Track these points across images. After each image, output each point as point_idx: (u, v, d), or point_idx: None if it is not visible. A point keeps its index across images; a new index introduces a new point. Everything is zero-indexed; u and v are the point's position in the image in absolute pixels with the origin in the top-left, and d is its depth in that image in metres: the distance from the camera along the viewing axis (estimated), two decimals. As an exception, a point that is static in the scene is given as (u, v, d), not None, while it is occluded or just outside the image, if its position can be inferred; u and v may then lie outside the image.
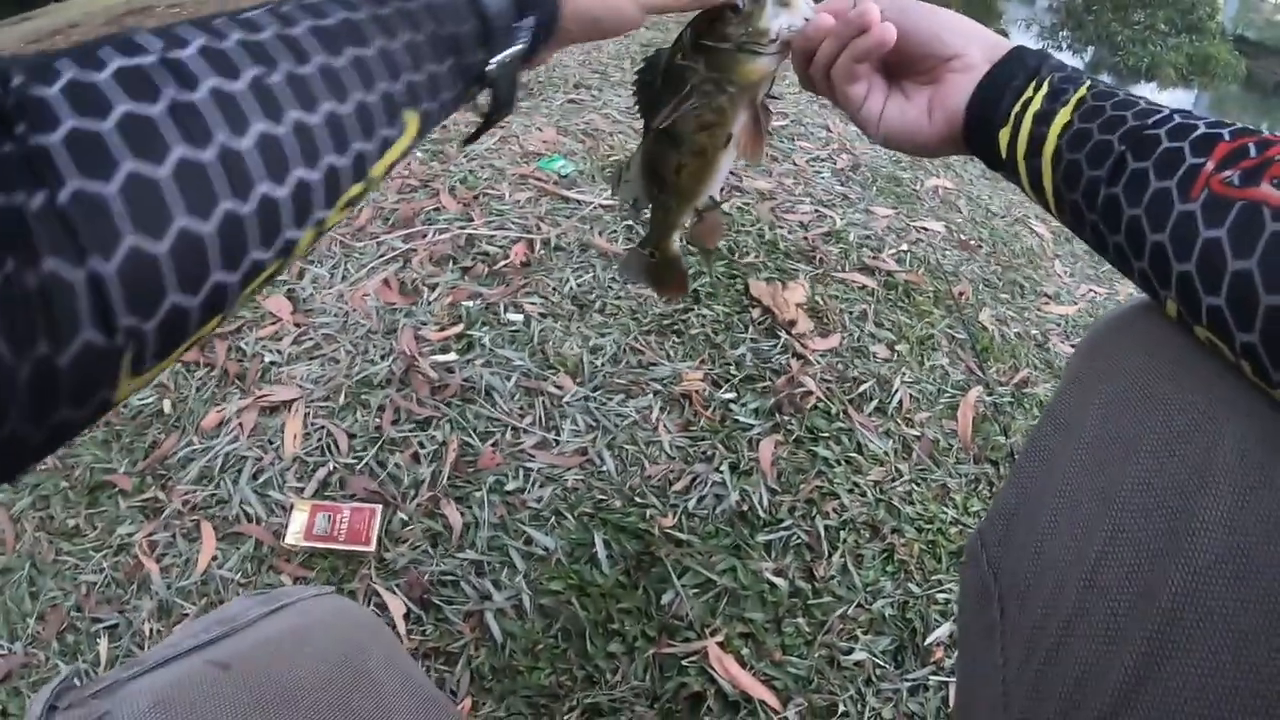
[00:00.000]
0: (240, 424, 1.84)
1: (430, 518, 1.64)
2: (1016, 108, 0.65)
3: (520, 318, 1.96)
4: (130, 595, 1.61)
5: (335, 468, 1.72)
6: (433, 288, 2.04)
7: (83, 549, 1.69)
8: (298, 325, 2.01)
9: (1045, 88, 0.64)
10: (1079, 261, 2.82)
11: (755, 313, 2.08)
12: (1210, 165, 0.50)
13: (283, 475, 1.73)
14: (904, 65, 0.73)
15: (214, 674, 0.68)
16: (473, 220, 2.24)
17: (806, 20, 0.73)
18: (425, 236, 2.17)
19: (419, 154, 2.79)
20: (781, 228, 2.44)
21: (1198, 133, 0.53)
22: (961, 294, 2.37)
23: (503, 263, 2.11)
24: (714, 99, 0.76)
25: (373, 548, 1.59)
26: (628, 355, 1.92)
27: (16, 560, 1.70)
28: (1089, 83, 0.63)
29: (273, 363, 1.95)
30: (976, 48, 0.70)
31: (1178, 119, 0.55)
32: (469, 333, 1.93)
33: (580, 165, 2.54)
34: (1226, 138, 0.51)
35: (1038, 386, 2.09)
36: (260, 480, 1.73)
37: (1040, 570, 0.64)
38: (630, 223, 2.21)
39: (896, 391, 1.97)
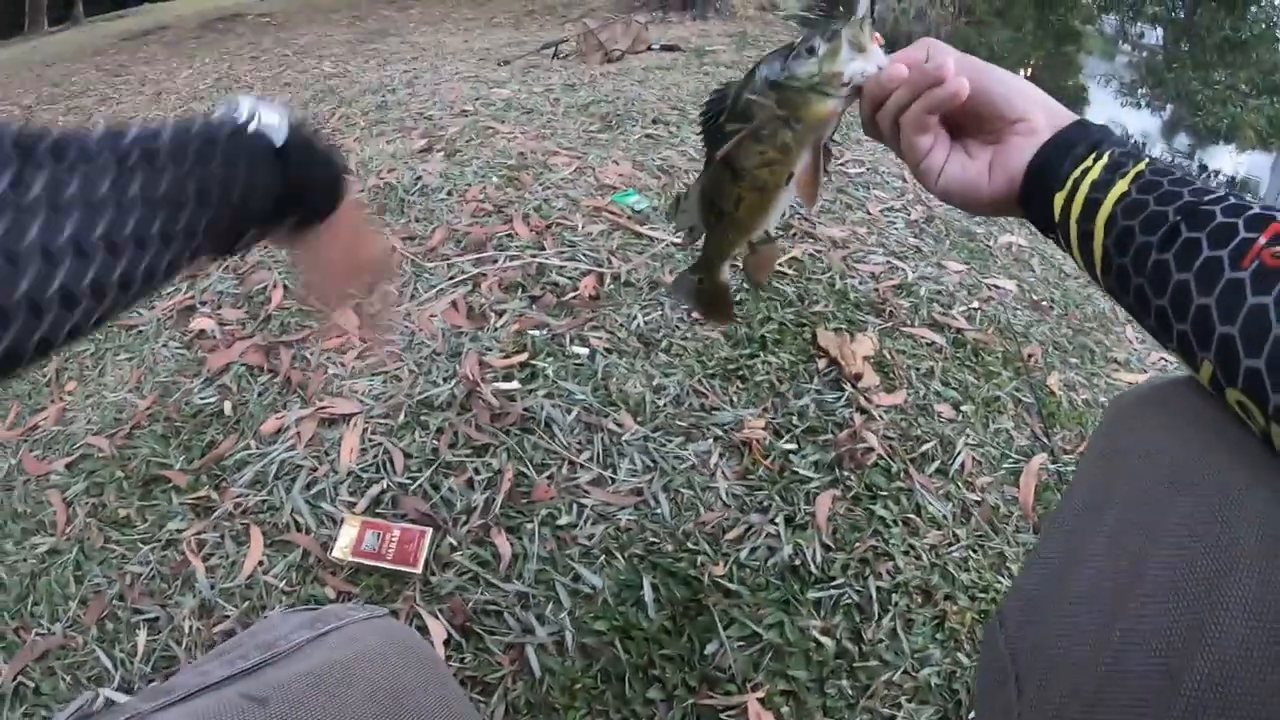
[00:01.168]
0: (299, 433, 1.85)
1: (479, 545, 1.63)
2: (1076, 174, 0.67)
3: (585, 351, 1.95)
4: (174, 591, 1.62)
5: (389, 486, 1.72)
6: (500, 314, 2.04)
7: (131, 540, 1.71)
8: (363, 340, 2.02)
9: (1105, 159, 0.66)
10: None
11: (821, 363, 2.05)
12: (1263, 240, 0.53)
13: (336, 488, 1.74)
14: (970, 124, 0.76)
15: (249, 711, 0.65)
16: (544, 249, 2.24)
17: (879, 68, 0.74)
18: (496, 262, 2.17)
19: (494, 179, 2.82)
20: (852, 277, 2.42)
21: (1251, 212, 0.56)
22: (1030, 356, 2.32)
23: (571, 294, 2.10)
24: (780, 136, 0.77)
25: (420, 570, 1.58)
26: (690, 397, 1.90)
27: (65, 544, 1.72)
28: (1148, 159, 0.66)
29: (335, 375, 1.96)
30: (1042, 114, 0.72)
31: (1232, 199, 0.58)
32: (533, 362, 1.92)
33: (654, 201, 2.54)
34: (1279, 218, 0.55)
35: (1104, 458, 2.04)
36: (313, 491, 1.74)
37: (1064, 652, 0.66)
38: (686, 251, 2.21)
39: (959, 453, 1.92)
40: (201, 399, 2.00)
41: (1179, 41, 13.67)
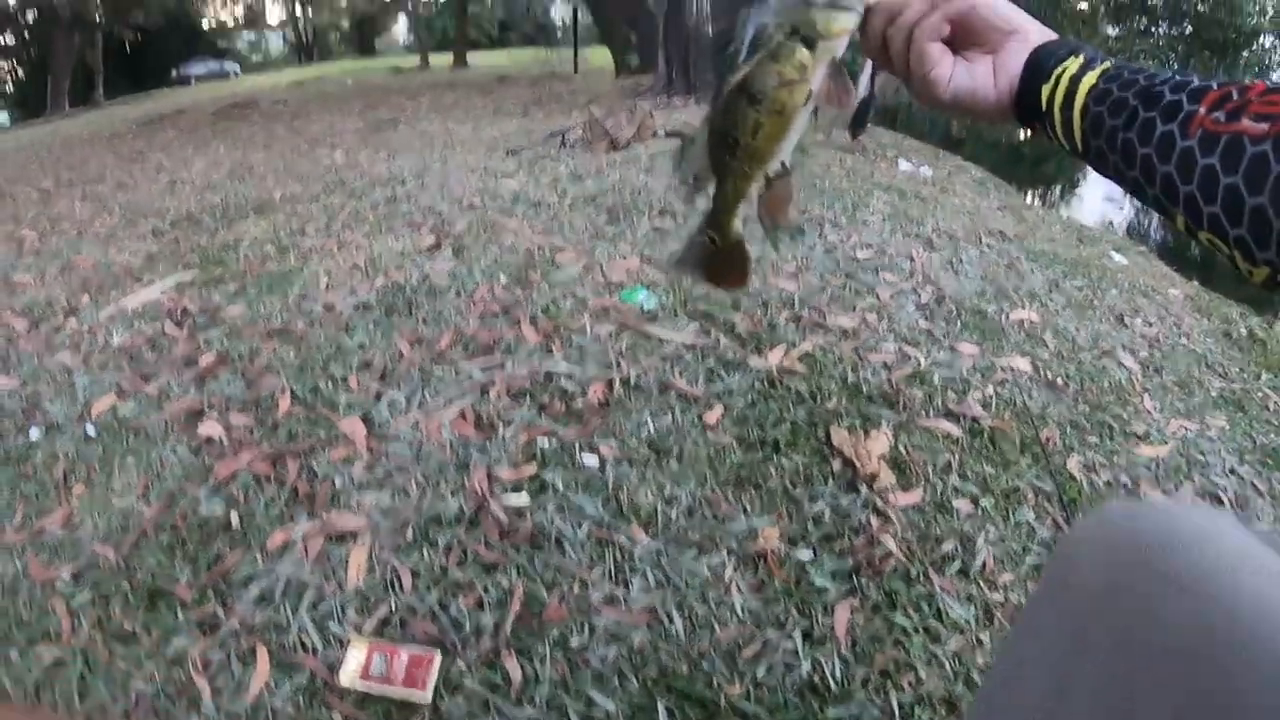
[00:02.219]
0: (305, 548, 1.82)
1: (489, 668, 1.58)
2: (1058, 70, 0.77)
3: (595, 461, 1.92)
4: (179, 712, 1.58)
5: (396, 607, 1.68)
6: (508, 423, 2.02)
7: (136, 655, 1.67)
8: (371, 450, 2.00)
9: (1081, 58, 0.77)
10: (1169, 394, 2.71)
11: (836, 464, 2.01)
12: (1202, 110, 0.65)
13: (343, 607, 1.70)
14: (968, 38, 0.82)
15: None
16: (552, 353, 2.23)
17: None
18: (504, 368, 2.16)
19: (502, 278, 2.82)
20: (865, 369, 2.39)
21: (1192, 85, 0.68)
22: (1048, 439, 2.28)
23: (580, 401, 2.08)
24: (798, 55, 0.78)
25: (428, 696, 1.53)
26: (703, 507, 1.86)
27: (70, 654, 1.68)
28: (1114, 59, 0.77)
29: (342, 488, 1.93)
30: (1034, 28, 0.82)
31: (1177, 78, 0.70)
32: (542, 474, 1.89)
33: (662, 298, 2.53)
34: (1214, 87, 0.66)
35: (1130, 543, 1.98)
36: (320, 609, 1.70)
37: None
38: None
39: (980, 551, 1.87)
40: (208, 509, 1.98)
41: None
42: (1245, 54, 13.86)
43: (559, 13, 44.14)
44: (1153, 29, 14.73)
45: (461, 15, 33.61)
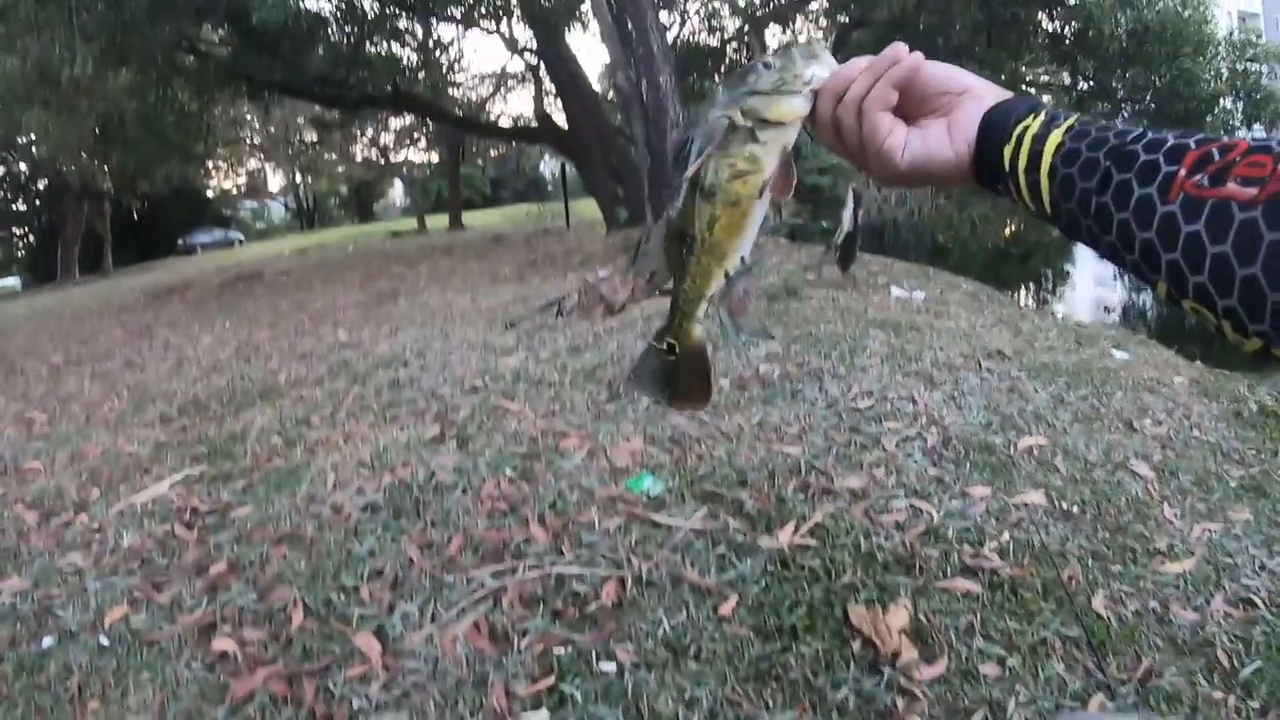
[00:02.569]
0: (326, 780, 1.78)
1: None
2: (1018, 129, 0.74)
3: (613, 667, 1.89)
4: None
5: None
6: (523, 633, 2.00)
7: None
8: (387, 668, 1.97)
9: (1043, 115, 0.74)
10: (1187, 497, 2.68)
11: (856, 645, 1.97)
12: (1183, 172, 0.61)
13: (366, 845, 1.66)
14: (918, 105, 0.80)
15: None
16: (562, 554, 2.22)
17: (832, 71, 0.79)
18: (515, 573, 2.15)
19: (507, 471, 2.84)
20: (878, 534, 2.38)
21: (1168, 144, 0.64)
22: (1071, 578, 2.24)
23: (594, 604, 2.06)
24: (748, 148, 0.78)
25: None
26: (725, 709, 1.82)
27: None
28: (1078, 115, 0.74)
29: (360, 709, 1.90)
30: (984, 87, 0.79)
31: (1150, 135, 0.66)
32: (561, 686, 1.86)
33: (669, 481, 2.53)
34: (1193, 146, 0.62)
35: (1164, 676, 1.92)
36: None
37: None
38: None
39: (1011, 717, 1.83)
40: (229, 734, 1.95)
41: None
42: (1209, 119, 14.13)
43: (549, 168, 45.42)
44: (1119, 111, 15.08)
45: (454, 177, 34.60)
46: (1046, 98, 15.87)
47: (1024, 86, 15.30)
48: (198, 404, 5.08)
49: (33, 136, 21.50)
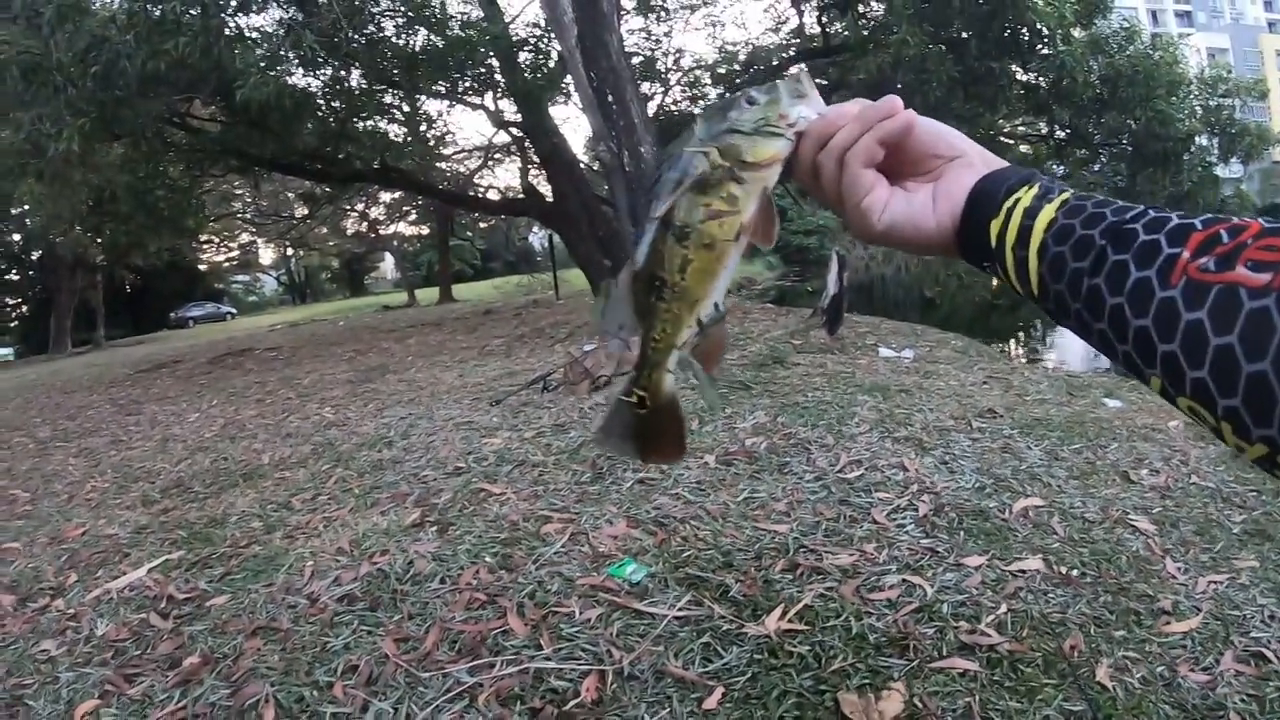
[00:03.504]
0: None
1: None
2: (1009, 202, 0.70)
3: (591, 775, 1.82)
4: None
5: None
6: (498, 736, 1.92)
7: None
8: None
9: (1036, 188, 0.69)
10: (1190, 548, 2.62)
11: (848, 737, 1.90)
12: (1186, 254, 0.56)
13: None
14: (907, 164, 0.77)
15: None
16: (541, 648, 2.14)
17: (819, 114, 0.75)
18: (493, 669, 2.07)
19: (487, 559, 2.76)
20: (869, 614, 2.31)
21: (1172, 224, 0.59)
22: (1073, 648, 2.18)
23: (573, 702, 1.99)
24: (727, 187, 0.73)
25: None
26: (711, 813, 1.74)
27: None
28: (1074, 190, 0.69)
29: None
30: (976, 153, 0.75)
31: (1152, 214, 0.61)
32: (536, 796, 1.78)
33: (652, 566, 2.47)
34: (1199, 227, 0.57)
35: (1175, 745, 1.85)
36: None
37: None
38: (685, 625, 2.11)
39: (1014, 807, 1.75)
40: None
41: None
42: (1186, 157, 14.28)
43: (538, 239, 45.83)
44: (1096, 157, 15.26)
45: (444, 250, 34.88)
46: (1025, 148, 16.11)
47: (1001, 139, 15.51)
48: (180, 485, 5.03)
49: (25, 207, 21.68)
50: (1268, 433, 0.51)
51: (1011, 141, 16.07)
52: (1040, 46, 13.19)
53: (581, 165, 16.65)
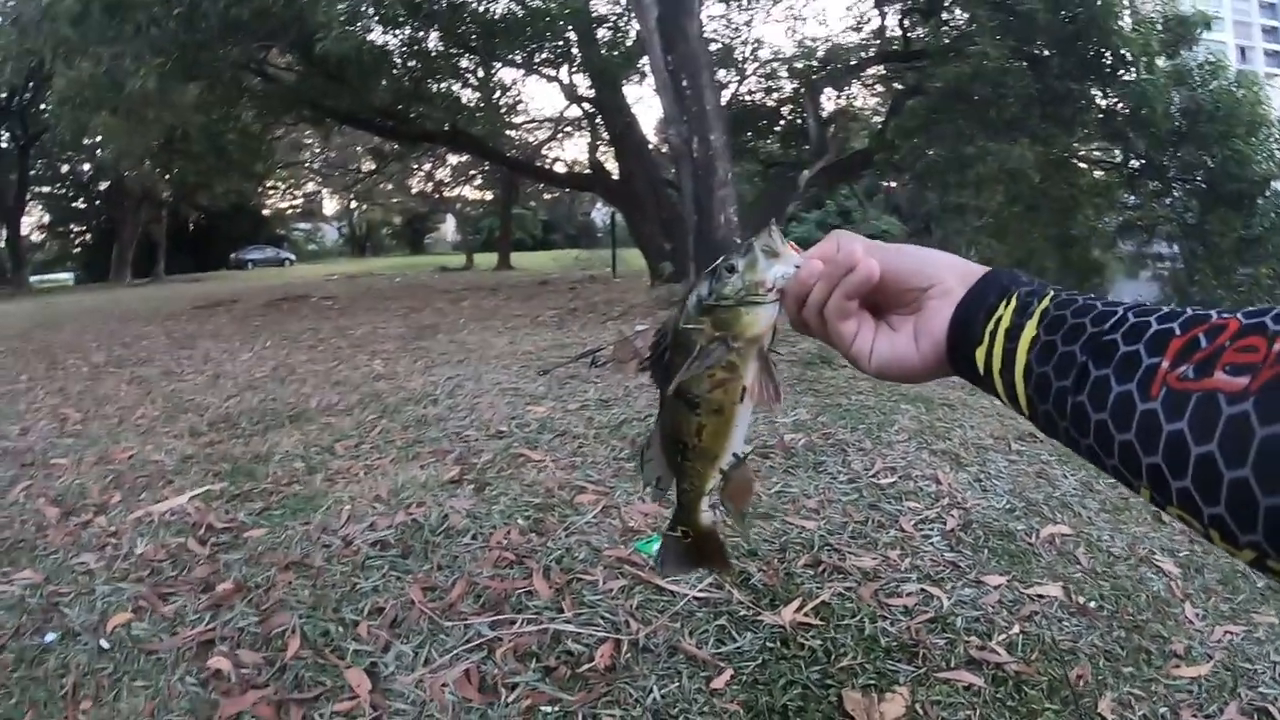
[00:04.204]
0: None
1: None
2: (990, 325, 0.70)
3: (593, 734, 1.88)
4: None
5: None
6: (512, 688, 1.99)
7: None
8: (374, 706, 1.97)
9: (1014, 302, 0.70)
10: (1211, 596, 2.61)
11: (847, 731, 1.94)
12: (1165, 364, 0.57)
13: None
14: (888, 300, 0.78)
15: None
16: (562, 611, 2.21)
17: (796, 267, 0.78)
18: (513, 625, 2.14)
19: (520, 521, 2.83)
20: (884, 618, 2.34)
21: (1151, 331, 0.59)
22: (1080, 678, 2.19)
23: (587, 665, 2.05)
24: (723, 355, 0.79)
25: None
26: (707, 785, 1.80)
27: None
28: (1052, 293, 0.70)
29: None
30: (952, 275, 0.75)
31: (1131, 319, 0.62)
32: (541, 746, 1.85)
33: (677, 547, 2.51)
34: (1178, 332, 0.58)
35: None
36: None
37: None
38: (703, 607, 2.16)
39: (1003, 824, 1.78)
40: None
41: (1195, 253, 13.88)
42: (1260, 200, 13.85)
43: (600, 215, 45.80)
44: (1169, 191, 14.85)
45: (506, 217, 34.97)
46: (1098, 173, 15.71)
47: (1075, 161, 15.17)
48: (228, 420, 5.15)
49: (99, 139, 22.06)
50: (1254, 538, 0.51)
51: (1085, 166, 15.73)
52: (1122, 72, 12.89)
53: (651, 147, 16.65)
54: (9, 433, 5.17)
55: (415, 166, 35.40)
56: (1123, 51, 12.26)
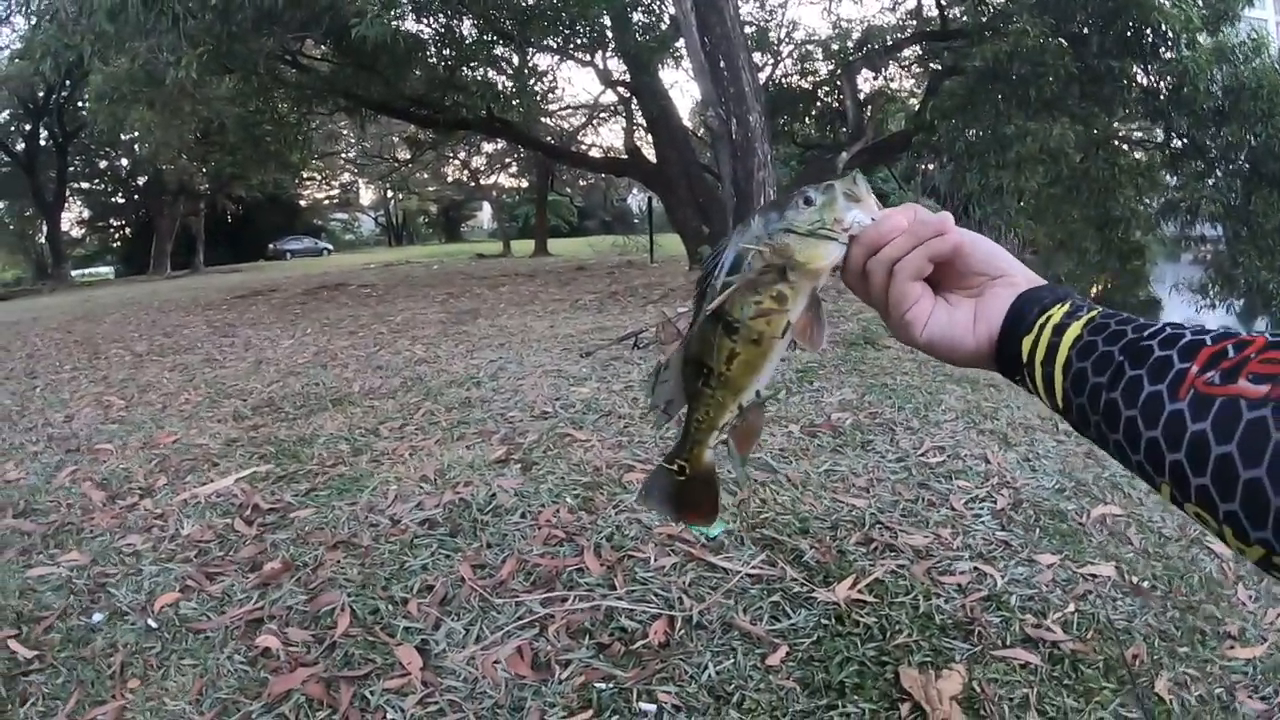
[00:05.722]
0: (356, 792, 1.77)
1: None
2: (1041, 319, 0.73)
3: (653, 708, 1.86)
4: None
5: None
6: (565, 664, 1.98)
7: None
8: (425, 684, 1.97)
9: (1067, 306, 0.73)
10: (1264, 579, 2.55)
11: (905, 709, 1.90)
12: (1195, 369, 0.60)
13: None
14: (951, 278, 0.80)
15: None
16: (614, 588, 2.20)
17: (873, 219, 0.77)
18: (565, 602, 2.13)
19: (569, 499, 2.83)
20: (938, 595, 2.31)
21: (1184, 340, 0.63)
22: (1135, 657, 2.15)
23: (640, 642, 2.04)
24: (777, 285, 0.76)
25: None
26: (764, 763, 1.78)
27: None
28: (1102, 309, 0.73)
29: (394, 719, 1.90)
30: (1021, 273, 0.79)
31: (1168, 330, 0.65)
32: (597, 721, 1.83)
33: (729, 524, 2.50)
34: (1209, 342, 0.61)
35: (1226, 768, 1.83)
36: None
37: None
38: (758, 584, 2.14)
39: (1062, 799, 1.75)
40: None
41: (1238, 234, 13.61)
42: None
43: (636, 201, 45.73)
44: (1212, 171, 14.54)
45: (542, 204, 35.02)
46: (1139, 154, 15.45)
47: (1115, 142, 14.93)
48: (271, 404, 5.19)
49: (136, 134, 22.31)
50: (1264, 535, 0.54)
51: (1126, 146, 15.46)
52: (1163, 49, 12.64)
53: (687, 130, 16.59)
54: (54, 420, 5.25)
55: (450, 155, 35.56)
56: (1163, 28, 11.98)
